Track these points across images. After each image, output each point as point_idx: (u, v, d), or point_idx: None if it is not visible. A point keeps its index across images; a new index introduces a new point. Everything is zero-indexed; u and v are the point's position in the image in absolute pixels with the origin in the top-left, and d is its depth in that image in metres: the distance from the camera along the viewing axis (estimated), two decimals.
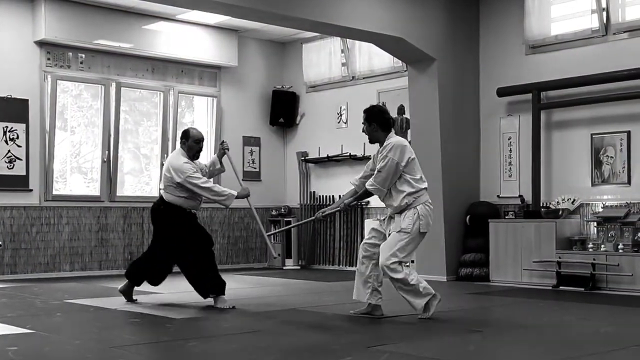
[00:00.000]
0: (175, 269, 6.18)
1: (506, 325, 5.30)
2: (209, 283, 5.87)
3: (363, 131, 5.44)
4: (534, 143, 7.99)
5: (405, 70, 8.91)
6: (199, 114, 10.37)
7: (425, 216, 5.23)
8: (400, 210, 5.25)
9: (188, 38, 9.63)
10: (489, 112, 8.60)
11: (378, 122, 5.29)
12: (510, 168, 8.38)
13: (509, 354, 4.25)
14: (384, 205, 5.45)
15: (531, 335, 4.76)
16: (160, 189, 6.18)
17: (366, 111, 5.36)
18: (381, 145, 5.33)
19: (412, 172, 5.21)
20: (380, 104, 9.44)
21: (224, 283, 5.89)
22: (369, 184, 5.32)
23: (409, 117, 8.90)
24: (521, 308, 6.12)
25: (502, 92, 8.31)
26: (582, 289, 7.20)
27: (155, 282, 6.20)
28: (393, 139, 5.28)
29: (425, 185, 5.29)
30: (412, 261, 8.63)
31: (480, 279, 8.04)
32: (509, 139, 8.41)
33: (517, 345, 4.47)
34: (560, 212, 7.69)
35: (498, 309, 6.19)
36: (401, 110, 9.35)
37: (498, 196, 8.44)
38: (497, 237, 7.98)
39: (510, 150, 8.39)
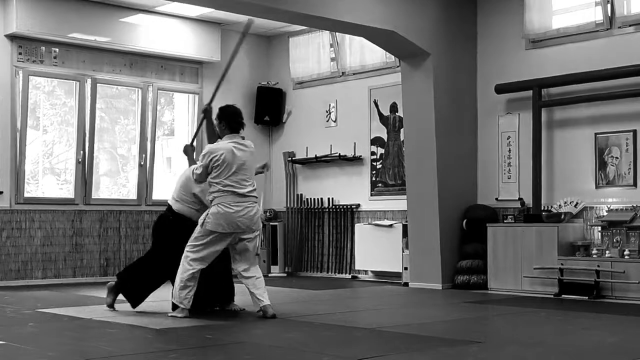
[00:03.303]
0: None
1: (505, 336, 5.31)
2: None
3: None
4: (535, 143, 8.02)
5: (398, 66, 8.93)
6: (179, 111, 10.34)
7: (215, 215, 5.69)
8: None
9: (168, 32, 9.61)
10: (487, 110, 8.63)
11: (227, 122, 5.89)
12: (509, 169, 8.41)
13: None
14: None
15: (532, 346, 4.77)
16: (172, 200, 6.24)
17: (220, 109, 5.96)
18: None
19: (215, 177, 5.74)
20: (374, 102, 9.56)
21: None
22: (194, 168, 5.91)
23: (402, 116, 8.92)
24: (521, 318, 6.14)
25: (500, 89, 8.34)
26: (586, 298, 7.23)
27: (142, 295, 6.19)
28: (215, 144, 5.84)
29: (228, 189, 5.73)
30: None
31: (478, 287, 8.06)
32: (508, 139, 8.45)
33: (517, 357, 4.48)
34: (563, 216, 7.72)
35: (497, 319, 6.21)
36: (394, 108, 9.38)
37: (496, 199, 8.46)
38: (496, 242, 8.01)
39: (510, 151, 8.42)
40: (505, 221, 8.12)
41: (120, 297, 6.23)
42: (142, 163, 9.59)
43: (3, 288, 8.21)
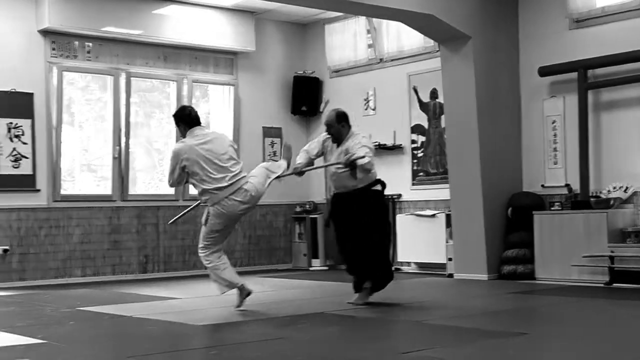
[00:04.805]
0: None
1: (554, 327, 5.29)
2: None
3: None
4: (581, 126, 7.93)
5: (437, 51, 8.89)
6: (215, 104, 10.44)
7: (217, 216, 5.90)
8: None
9: (201, 22, 9.70)
10: (530, 93, 8.55)
11: (184, 122, 5.98)
12: (555, 154, 8.33)
13: (556, 359, 4.24)
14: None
15: (582, 338, 4.75)
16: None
17: (174, 115, 6.15)
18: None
19: (196, 174, 5.84)
20: (413, 88, 9.52)
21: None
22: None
23: (442, 102, 8.88)
24: (570, 308, 6.10)
25: (544, 72, 8.26)
26: (638, 286, 7.14)
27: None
28: (178, 145, 5.96)
29: (217, 184, 5.81)
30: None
31: (525, 277, 8.02)
32: (553, 123, 8.36)
33: (565, 349, 4.46)
34: (612, 202, 7.63)
35: (544, 310, 6.18)
36: (434, 94, 9.34)
37: (542, 186, 8.39)
38: (543, 230, 7.95)
39: (555, 135, 8.34)
40: (552, 208, 8.05)
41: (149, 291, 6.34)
42: None
43: (43, 287, 8.41)
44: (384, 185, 6.29)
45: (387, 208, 6.60)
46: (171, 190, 9.76)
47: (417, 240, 9.19)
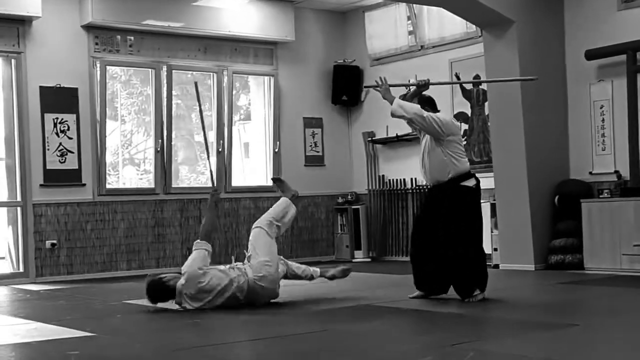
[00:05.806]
0: None
1: (605, 318, 5.22)
2: None
3: None
4: (631, 111, 7.79)
5: (479, 36, 8.80)
6: (255, 95, 10.49)
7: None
8: None
9: (241, 13, 9.74)
10: (577, 78, 8.42)
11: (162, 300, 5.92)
12: (603, 140, 8.20)
13: (608, 351, 4.18)
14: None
15: (635, 329, 4.68)
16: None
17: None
18: None
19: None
20: (455, 75, 9.44)
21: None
22: None
23: (485, 89, 8.79)
24: (622, 299, 6.02)
25: (591, 55, 8.12)
26: None
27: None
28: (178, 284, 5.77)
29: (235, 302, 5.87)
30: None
31: (573, 267, 7.92)
32: (601, 108, 8.22)
33: (618, 341, 4.39)
34: None
35: (595, 300, 6.09)
36: None
37: (590, 173, 8.27)
38: (591, 219, 7.83)
39: (603, 120, 8.20)
40: (600, 196, 7.93)
41: None
42: (220, 149, 9.78)
43: (89, 280, 8.57)
44: (477, 180, 5.92)
45: (480, 207, 5.99)
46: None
47: None
